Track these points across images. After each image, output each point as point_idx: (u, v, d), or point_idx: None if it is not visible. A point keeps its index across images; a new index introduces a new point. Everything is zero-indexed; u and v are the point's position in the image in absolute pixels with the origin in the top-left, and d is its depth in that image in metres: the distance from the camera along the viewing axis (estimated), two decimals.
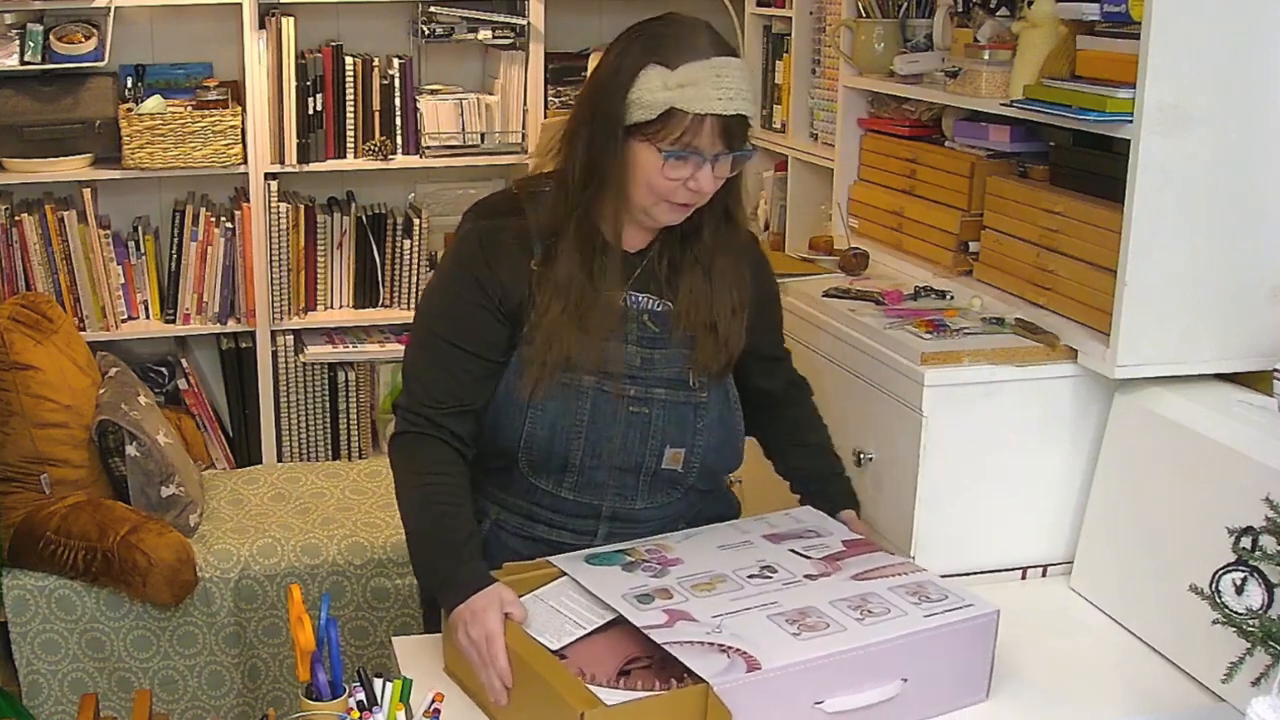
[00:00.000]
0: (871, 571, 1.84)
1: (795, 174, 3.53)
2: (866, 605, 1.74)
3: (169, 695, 3.05)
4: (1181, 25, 1.93)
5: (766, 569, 1.84)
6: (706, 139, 1.75)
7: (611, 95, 1.77)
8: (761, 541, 1.93)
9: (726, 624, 1.68)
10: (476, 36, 3.74)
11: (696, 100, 1.73)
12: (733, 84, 1.75)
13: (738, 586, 1.78)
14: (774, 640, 1.64)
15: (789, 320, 2.52)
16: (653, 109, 1.74)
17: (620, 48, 1.81)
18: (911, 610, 1.74)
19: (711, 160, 1.77)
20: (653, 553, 1.87)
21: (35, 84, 3.47)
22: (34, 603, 2.95)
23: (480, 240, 1.87)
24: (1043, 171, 2.40)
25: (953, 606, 1.76)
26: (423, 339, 1.91)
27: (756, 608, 1.72)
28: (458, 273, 1.88)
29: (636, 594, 1.75)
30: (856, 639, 1.66)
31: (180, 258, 3.65)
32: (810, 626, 1.68)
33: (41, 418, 3.02)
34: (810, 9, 3.44)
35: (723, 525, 2.00)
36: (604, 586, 1.77)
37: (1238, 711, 1.67)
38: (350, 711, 1.55)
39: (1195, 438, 1.96)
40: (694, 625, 1.67)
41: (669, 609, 1.71)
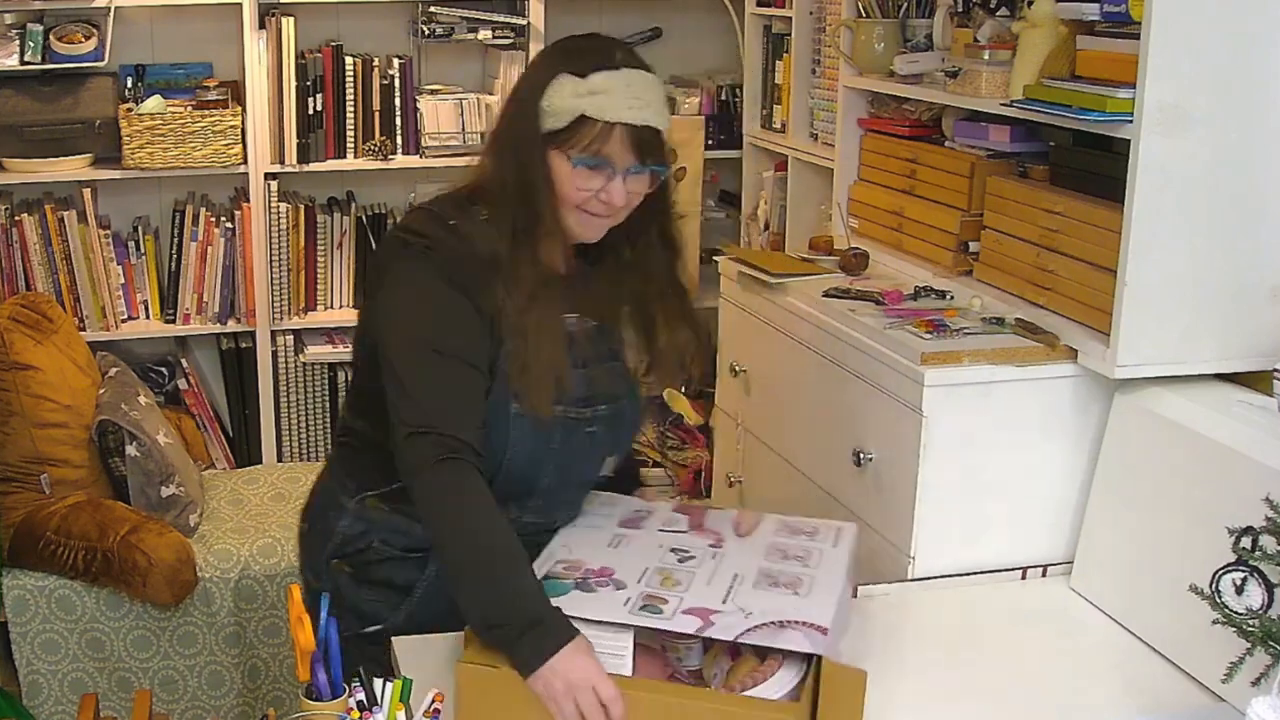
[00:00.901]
0: (740, 524, 1.95)
1: (795, 174, 3.53)
2: (789, 554, 1.87)
3: (169, 695, 3.05)
4: (1181, 25, 1.93)
5: (675, 551, 1.87)
6: (617, 149, 1.76)
7: (525, 105, 1.79)
8: (631, 531, 1.94)
9: (739, 604, 1.71)
10: (476, 36, 3.74)
11: (607, 108, 1.74)
12: (643, 95, 1.77)
13: (690, 574, 1.81)
14: (792, 605, 1.71)
15: (789, 320, 2.53)
16: (564, 116, 1.76)
17: (537, 60, 1.85)
18: (824, 546, 1.91)
19: (623, 174, 1.78)
20: (575, 567, 1.83)
21: (35, 84, 3.47)
22: (34, 603, 2.95)
23: (447, 257, 1.80)
24: (1043, 171, 2.40)
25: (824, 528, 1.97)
26: (419, 358, 1.77)
27: (732, 584, 1.77)
28: (439, 285, 1.79)
29: (640, 607, 1.73)
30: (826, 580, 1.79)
31: (180, 258, 3.65)
32: (789, 585, 1.76)
33: (41, 418, 3.02)
34: (810, 9, 3.44)
35: (575, 529, 1.96)
36: (608, 613, 1.72)
37: (1238, 711, 1.67)
38: (350, 711, 1.55)
39: (1195, 438, 1.96)
40: (724, 616, 1.69)
41: (688, 610, 1.71)
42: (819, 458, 2.46)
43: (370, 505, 1.95)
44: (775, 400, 2.67)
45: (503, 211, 1.81)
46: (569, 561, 1.86)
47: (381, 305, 1.84)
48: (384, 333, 1.82)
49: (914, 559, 2.16)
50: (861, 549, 2.29)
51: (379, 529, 1.95)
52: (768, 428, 2.70)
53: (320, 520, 2.01)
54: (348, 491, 1.97)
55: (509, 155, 1.82)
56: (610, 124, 1.75)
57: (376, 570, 1.95)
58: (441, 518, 1.72)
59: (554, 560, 1.85)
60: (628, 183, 1.80)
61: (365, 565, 1.95)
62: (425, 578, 1.95)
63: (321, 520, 2.01)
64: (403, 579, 1.95)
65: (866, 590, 2.13)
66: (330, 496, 2.00)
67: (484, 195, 1.85)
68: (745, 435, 2.80)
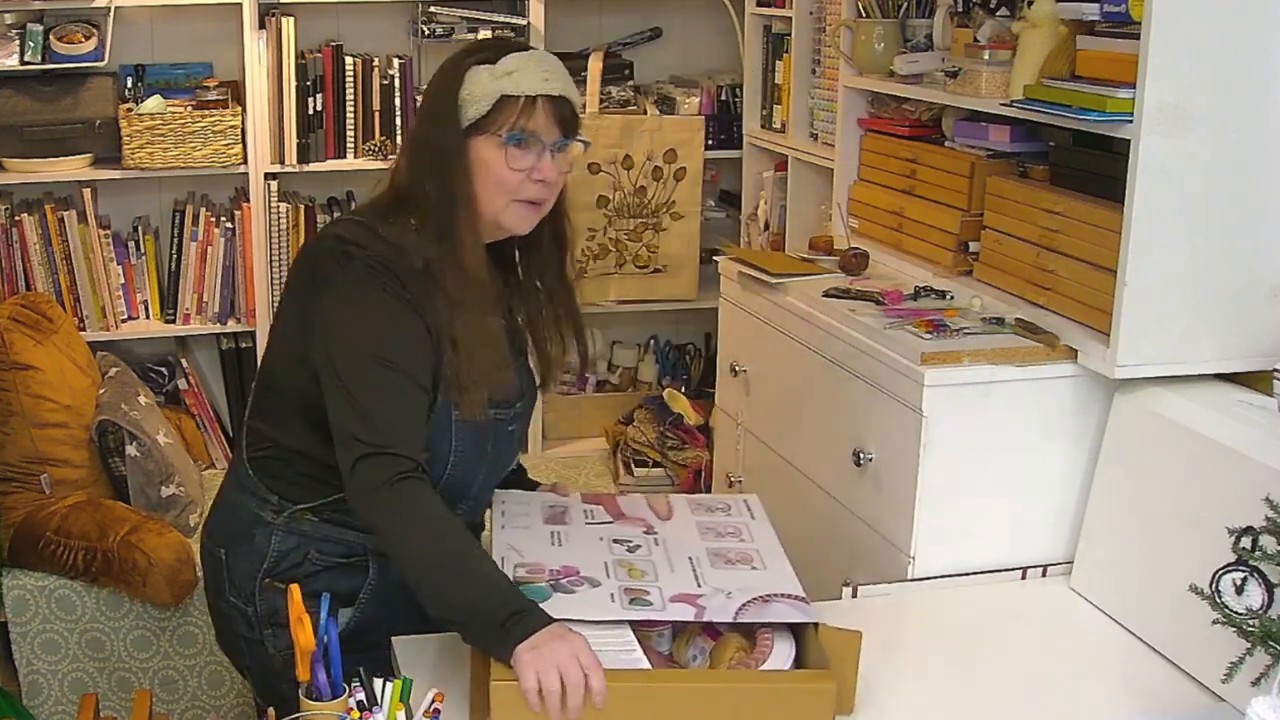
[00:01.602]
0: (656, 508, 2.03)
1: (795, 174, 3.53)
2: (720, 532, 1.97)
3: (169, 695, 3.05)
4: (1181, 25, 1.93)
5: (619, 542, 1.92)
6: (542, 122, 1.82)
7: (441, 103, 1.83)
8: (562, 527, 1.97)
9: (713, 585, 1.79)
10: (476, 36, 3.74)
11: (524, 83, 1.81)
12: (553, 69, 1.85)
13: (649, 563, 1.86)
14: (758, 579, 1.82)
15: (789, 320, 2.53)
16: (484, 102, 1.81)
17: (442, 67, 1.88)
18: (745, 520, 2.01)
19: (551, 149, 1.84)
20: (538, 570, 1.83)
21: (35, 84, 3.47)
22: (34, 603, 2.95)
23: (395, 271, 1.80)
24: (1043, 171, 2.40)
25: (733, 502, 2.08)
26: (372, 375, 1.75)
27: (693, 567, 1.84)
28: (389, 301, 1.78)
29: (630, 602, 1.75)
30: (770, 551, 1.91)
31: (180, 258, 3.65)
32: (741, 561, 1.88)
33: (41, 418, 3.02)
34: (810, 9, 3.44)
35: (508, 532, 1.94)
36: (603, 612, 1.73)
37: (1238, 711, 1.67)
38: (350, 711, 1.55)
39: (1195, 438, 1.96)
40: (709, 599, 1.75)
41: (674, 598, 1.75)
42: (819, 458, 2.46)
43: (300, 519, 1.92)
44: (775, 400, 2.67)
45: (429, 216, 1.83)
46: (528, 564, 1.85)
47: (327, 318, 1.80)
48: (332, 348, 1.78)
49: (914, 559, 2.16)
50: (861, 549, 2.30)
51: (311, 540, 1.93)
52: (768, 428, 2.70)
53: (243, 542, 1.94)
54: (271, 507, 1.93)
55: (431, 157, 1.84)
56: (532, 98, 1.81)
57: (314, 583, 1.88)
58: (406, 535, 1.70)
59: (513, 565, 1.84)
60: (555, 159, 1.85)
61: (302, 579, 1.84)
62: (369, 584, 1.94)
63: (244, 542, 1.94)
64: (345, 587, 1.92)
65: (866, 590, 2.13)
66: (249, 514, 1.94)
67: (407, 203, 1.86)
68: (745, 435, 2.80)
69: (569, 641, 1.59)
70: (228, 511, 2.00)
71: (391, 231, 1.84)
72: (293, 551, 1.93)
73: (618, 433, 3.91)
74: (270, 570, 1.93)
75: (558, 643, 1.58)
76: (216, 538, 2.01)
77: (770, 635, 1.73)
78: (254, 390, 2.01)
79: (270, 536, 1.93)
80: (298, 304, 1.88)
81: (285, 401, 1.92)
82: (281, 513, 1.93)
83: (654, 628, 1.77)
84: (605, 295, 3.97)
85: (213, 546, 2.01)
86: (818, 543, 2.46)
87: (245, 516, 1.95)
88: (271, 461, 1.95)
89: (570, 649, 1.58)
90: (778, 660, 1.68)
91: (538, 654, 1.57)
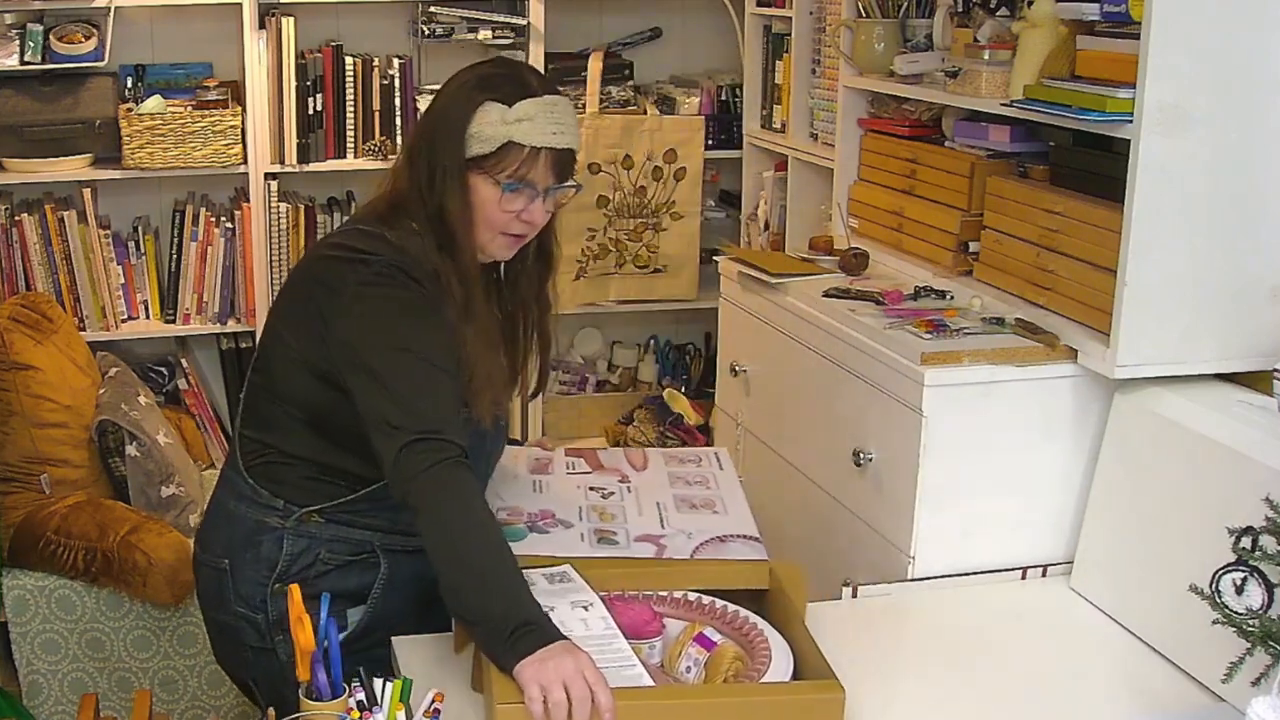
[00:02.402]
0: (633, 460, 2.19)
1: (795, 174, 3.53)
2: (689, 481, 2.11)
3: (169, 695, 3.05)
4: (1181, 25, 1.93)
5: (595, 489, 2.08)
6: (541, 172, 1.84)
7: (451, 131, 1.84)
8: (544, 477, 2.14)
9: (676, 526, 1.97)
10: (476, 36, 3.74)
11: (533, 134, 1.82)
12: (564, 120, 1.86)
13: (620, 507, 2.03)
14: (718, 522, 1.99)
15: (789, 320, 2.53)
16: (492, 143, 1.82)
17: (455, 87, 1.89)
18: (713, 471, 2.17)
19: (544, 193, 1.87)
20: (517, 514, 2.01)
21: (35, 84, 3.47)
22: (34, 603, 2.95)
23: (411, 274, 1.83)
24: (1043, 171, 2.40)
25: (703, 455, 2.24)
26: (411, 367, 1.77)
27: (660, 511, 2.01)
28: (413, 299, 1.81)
29: (597, 541, 1.94)
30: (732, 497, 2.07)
31: (180, 258, 3.65)
32: (705, 506, 2.05)
33: (41, 418, 3.02)
34: (810, 9, 3.44)
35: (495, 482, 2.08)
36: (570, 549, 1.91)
37: (1238, 711, 1.67)
38: (350, 711, 1.55)
39: (1195, 438, 1.96)
40: (670, 538, 1.94)
41: (639, 538, 1.95)
42: (819, 458, 2.46)
43: (309, 520, 1.93)
44: (775, 400, 2.67)
45: (427, 225, 1.86)
46: (509, 508, 2.02)
47: (350, 320, 1.81)
48: (362, 346, 1.79)
49: (914, 559, 2.16)
50: (861, 549, 2.30)
51: (320, 541, 1.94)
52: (768, 428, 2.70)
53: (248, 550, 1.95)
54: (277, 513, 1.93)
55: (431, 176, 1.86)
56: (536, 149, 1.83)
57: (323, 583, 1.90)
58: (447, 522, 1.69)
59: (494, 509, 1.91)
60: (545, 202, 1.89)
61: (313, 580, 1.90)
62: (380, 579, 1.96)
63: (250, 550, 1.94)
64: (355, 585, 1.95)
65: (866, 590, 2.13)
66: (252, 522, 1.95)
67: (408, 208, 1.89)
68: (745, 435, 2.80)
69: (575, 656, 1.58)
70: (226, 521, 1.99)
71: (397, 235, 1.86)
72: (303, 554, 1.93)
73: (618, 433, 3.91)
74: (281, 575, 1.93)
75: (564, 657, 1.57)
76: (215, 550, 2.00)
77: (767, 646, 1.73)
78: (245, 400, 2.01)
79: (280, 542, 1.93)
80: (303, 314, 1.88)
81: (289, 411, 1.92)
82: (289, 516, 1.93)
83: (645, 639, 1.76)
84: (605, 295, 3.97)
85: (212, 559, 2.00)
86: (818, 543, 2.46)
87: (248, 525, 1.95)
88: (274, 467, 1.94)
89: (576, 664, 1.56)
90: (778, 671, 1.68)
91: (542, 667, 1.56)
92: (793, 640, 1.74)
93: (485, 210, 1.85)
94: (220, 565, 1.98)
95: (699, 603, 1.86)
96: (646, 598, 1.85)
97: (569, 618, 1.73)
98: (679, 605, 1.86)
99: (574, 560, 1.86)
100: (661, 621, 1.81)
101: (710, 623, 1.81)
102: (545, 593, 1.78)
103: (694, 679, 1.73)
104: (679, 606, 1.86)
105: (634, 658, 1.68)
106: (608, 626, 1.73)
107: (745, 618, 1.81)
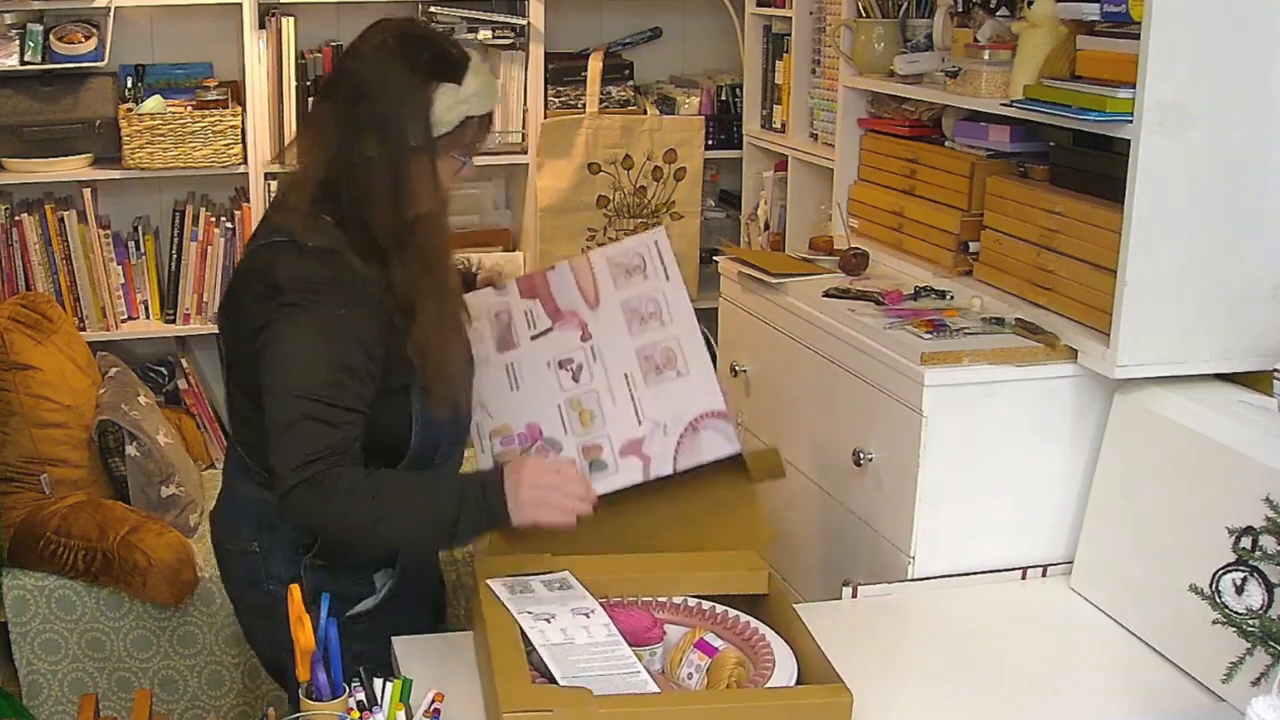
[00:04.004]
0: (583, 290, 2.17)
1: (795, 174, 3.53)
2: (643, 314, 2.12)
3: (169, 695, 3.05)
4: (1181, 25, 1.93)
5: (564, 367, 2.12)
6: (484, 133, 1.97)
7: (408, 122, 1.86)
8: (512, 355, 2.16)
9: (650, 418, 2.03)
10: (476, 36, 3.73)
11: (483, 103, 1.92)
12: (491, 79, 1.96)
13: (594, 395, 2.08)
14: (683, 393, 2.04)
15: (789, 320, 2.52)
16: (451, 123, 1.89)
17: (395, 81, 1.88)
18: (660, 286, 2.14)
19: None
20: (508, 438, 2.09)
21: (35, 84, 3.47)
22: (34, 603, 2.95)
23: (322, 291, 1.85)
24: (1043, 171, 2.40)
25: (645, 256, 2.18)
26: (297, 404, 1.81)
27: (630, 391, 2.07)
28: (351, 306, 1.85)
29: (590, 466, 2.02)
30: (687, 334, 2.09)
31: (180, 258, 3.65)
32: (666, 364, 2.08)
33: (41, 418, 3.02)
34: (810, 9, 3.44)
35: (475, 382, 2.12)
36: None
37: (1238, 711, 1.67)
38: (350, 711, 1.55)
39: (1195, 438, 1.96)
40: (651, 444, 2.01)
41: (623, 452, 2.02)
42: (819, 458, 2.46)
43: None
44: (775, 400, 2.67)
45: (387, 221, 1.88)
46: (498, 431, 2.11)
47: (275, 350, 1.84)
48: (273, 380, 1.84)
49: (914, 559, 2.16)
50: (861, 549, 2.30)
51: None
52: (768, 428, 2.70)
53: (279, 531, 2.01)
54: None
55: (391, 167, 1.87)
56: (485, 115, 1.94)
57: (353, 554, 2.00)
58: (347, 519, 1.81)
59: (488, 432, 2.09)
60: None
61: (344, 551, 2.00)
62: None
63: (280, 530, 2.01)
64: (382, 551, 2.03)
65: (866, 590, 2.13)
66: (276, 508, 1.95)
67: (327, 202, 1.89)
68: (745, 435, 2.80)
69: (529, 473, 1.81)
70: (250, 507, 2.04)
71: (323, 241, 1.87)
72: None
73: None
74: (309, 549, 2.00)
75: (525, 487, 1.80)
76: (243, 536, 2.05)
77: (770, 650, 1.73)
78: (233, 414, 2.09)
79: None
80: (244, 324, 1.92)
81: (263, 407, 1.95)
82: None
83: (645, 646, 1.76)
84: None
85: (242, 545, 2.06)
86: (818, 543, 2.46)
87: (273, 507, 1.97)
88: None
89: (543, 466, 1.84)
90: (783, 676, 1.68)
91: (524, 507, 1.81)
92: (795, 643, 1.74)
93: (443, 185, 1.93)
94: (251, 549, 2.04)
95: (699, 608, 1.86)
96: (646, 604, 1.85)
97: (570, 625, 1.73)
98: (679, 611, 1.85)
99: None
100: (662, 628, 1.80)
101: (711, 628, 1.81)
102: (545, 600, 1.78)
103: (695, 685, 1.72)
104: (679, 612, 1.85)
105: (638, 664, 1.68)
106: (610, 633, 1.72)
107: (746, 622, 1.81)
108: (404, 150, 1.87)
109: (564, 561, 1.89)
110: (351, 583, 2.02)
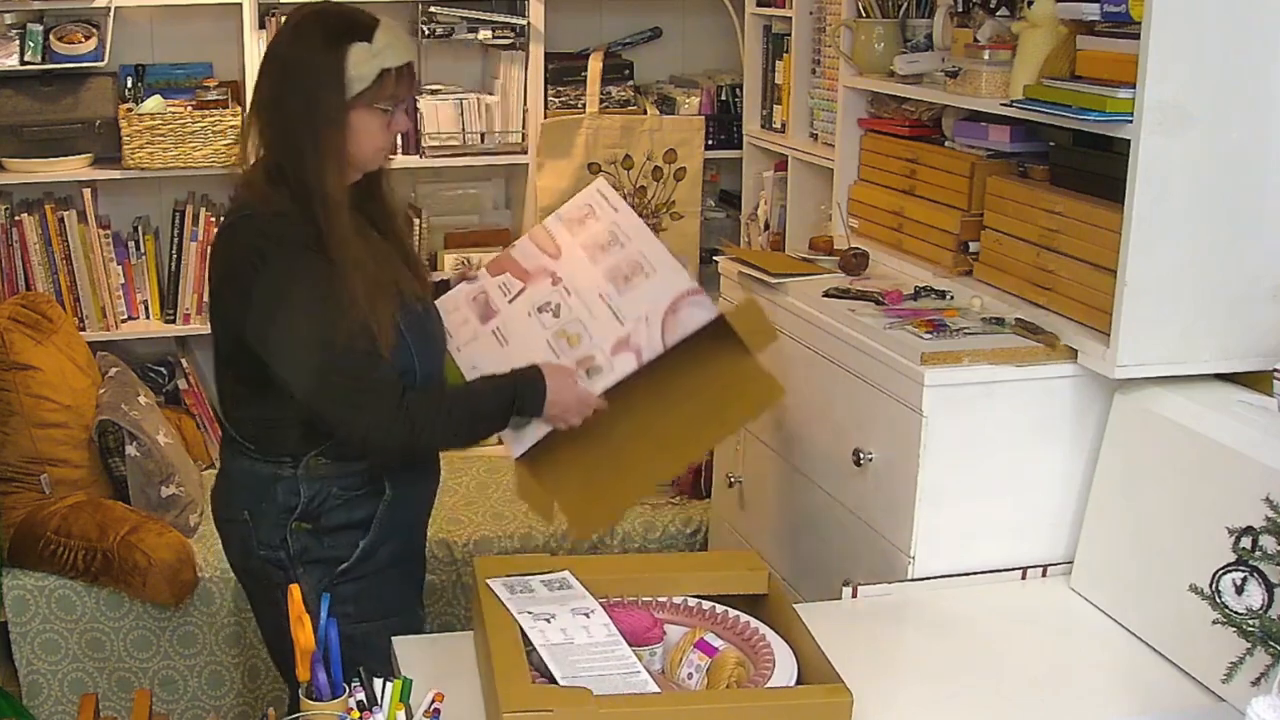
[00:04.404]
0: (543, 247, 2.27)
1: (795, 174, 3.53)
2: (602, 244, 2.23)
3: (169, 695, 3.05)
4: (1181, 25, 1.93)
5: (542, 310, 2.21)
6: (405, 85, 2.08)
7: (327, 83, 2.01)
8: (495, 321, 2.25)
9: (631, 314, 2.14)
10: (476, 36, 3.74)
11: (396, 56, 2.04)
12: (406, 36, 2.11)
13: (576, 321, 2.17)
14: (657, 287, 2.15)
15: (789, 320, 2.52)
16: (368, 78, 2.02)
17: (304, 48, 2.03)
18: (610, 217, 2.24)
19: (404, 104, 2.11)
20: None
21: (35, 84, 3.47)
22: (34, 603, 2.95)
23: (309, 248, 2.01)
24: (1043, 171, 2.40)
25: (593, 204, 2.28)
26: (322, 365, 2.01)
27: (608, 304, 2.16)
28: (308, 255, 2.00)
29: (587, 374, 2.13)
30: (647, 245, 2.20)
31: (180, 258, 3.65)
32: (634, 270, 2.18)
33: (41, 418, 3.02)
34: (810, 9, 3.44)
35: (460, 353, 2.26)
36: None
37: (1238, 711, 1.67)
38: (350, 711, 1.55)
39: (1195, 438, 1.96)
40: (637, 335, 2.12)
41: (613, 350, 2.13)
42: (819, 458, 2.46)
43: (315, 464, 2.11)
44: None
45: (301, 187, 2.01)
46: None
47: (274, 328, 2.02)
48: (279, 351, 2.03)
49: (914, 559, 2.16)
50: (861, 549, 2.30)
51: (332, 479, 2.13)
52: (768, 428, 2.70)
53: (267, 499, 2.13)
54: (288, 464, 2.12)
55: (323, 132, 2.01)
56: (401, 67, 2.05)
57: (335, 516, 2.13)
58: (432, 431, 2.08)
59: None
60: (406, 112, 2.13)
61: (327, 513, 2.13)
62: (385, 501, 2.16)
63: (268, 499, 2.13)
64: (361, 514, 2.15)
65: (866, 590, 2.13)
66: (267, 473, 2.14)
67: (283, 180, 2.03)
68: (745, 435, 2.79)
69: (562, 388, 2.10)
70: (241, 479, 2.17)
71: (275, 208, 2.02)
72: (318, 494, 2.12)
73: None
74: (300, 514, 2.13)
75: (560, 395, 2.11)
76: (234, 507, 2.18)
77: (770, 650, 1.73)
78: (222, 391, 2.21)
79: (297, 486, 2.12)
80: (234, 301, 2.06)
81: (254, 387, 2.09)
82: (299, 464, 2.11)
83: (645, 646, 1.76)
84: None
85: (233, 514, 2.19)
86: (818, 543, 2.46)
87: (264, 476, 2.13)
88: (271, 433, 2.13)
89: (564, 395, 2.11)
90: (783, 676, 1.68)
91: (557, 412, 2.12)
92: (795, 643, 1.74)
93: (374, 139, 2.06)
94: (242, 518, 2.16)
95: (698, 608, 1.86)
96: (646, 604, 1.85)
97: (570, 625, 1.73)
98: (679, 611, 1.85)
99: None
100: (662, 628, 1.80)
101: (711, 628, 1.81)
102: (545, 600, 1.78)
103: (696, 685, 1.73)
104: (679, 612, 1.85)
105: (638, 664, 1.68)
106: (610, 633, 1.72)
107: (746, 622, 1.81)
108: (329, 109, 2.00)
109: (564, 561, 1.89)
110: (335, 544, 2.14)
